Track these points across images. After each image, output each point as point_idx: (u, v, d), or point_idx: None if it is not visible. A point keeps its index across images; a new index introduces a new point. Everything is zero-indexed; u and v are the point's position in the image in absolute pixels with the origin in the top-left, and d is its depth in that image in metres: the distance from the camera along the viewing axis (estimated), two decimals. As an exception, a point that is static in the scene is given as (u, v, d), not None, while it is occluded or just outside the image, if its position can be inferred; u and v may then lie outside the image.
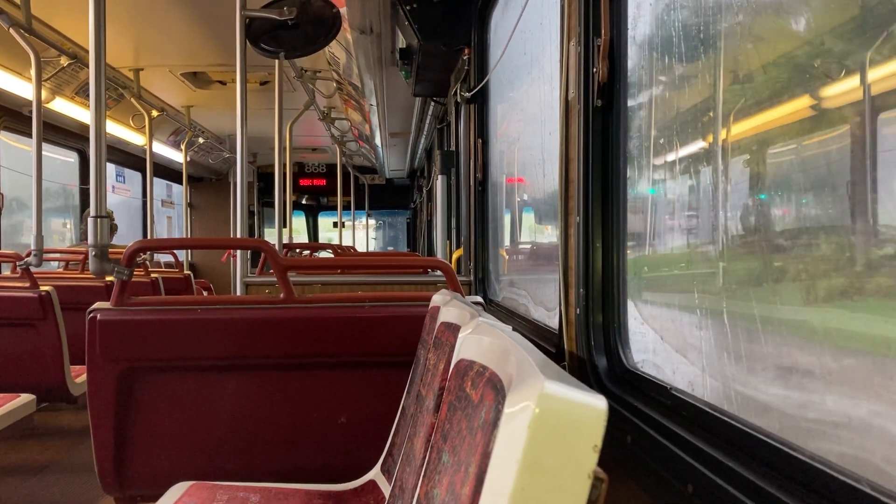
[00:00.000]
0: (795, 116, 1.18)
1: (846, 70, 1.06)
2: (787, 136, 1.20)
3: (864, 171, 1.01)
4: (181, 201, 12.79)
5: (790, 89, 1.19)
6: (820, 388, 1.09)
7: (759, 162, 1.25)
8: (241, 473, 2.73)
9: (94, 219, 2.67)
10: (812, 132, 1.15)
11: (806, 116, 1.17)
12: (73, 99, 6.97)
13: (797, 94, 1.18)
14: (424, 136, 9.08)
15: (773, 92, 1.23)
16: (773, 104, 1.23)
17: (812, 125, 1.15)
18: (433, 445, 1.40)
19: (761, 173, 1.24)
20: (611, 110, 1.76)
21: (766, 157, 1.24)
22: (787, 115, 1.19)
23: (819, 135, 1.13)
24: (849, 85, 1.06)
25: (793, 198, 1.16)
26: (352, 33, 4.78)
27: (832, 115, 1.10)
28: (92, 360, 2.67)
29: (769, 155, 1.24)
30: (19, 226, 7.73)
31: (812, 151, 1.14)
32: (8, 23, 4.50)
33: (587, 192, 1.79)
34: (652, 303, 1.67)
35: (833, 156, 1.08)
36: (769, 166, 1.23)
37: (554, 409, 0.78)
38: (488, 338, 1.24)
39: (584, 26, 1.81)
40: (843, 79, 1.07)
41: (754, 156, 1.27)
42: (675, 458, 1.28)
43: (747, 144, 1.30)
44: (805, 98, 1.16)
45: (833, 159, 1.07)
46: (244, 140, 3.79)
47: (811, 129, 1.16)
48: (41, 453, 4.90)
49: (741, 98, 1.31)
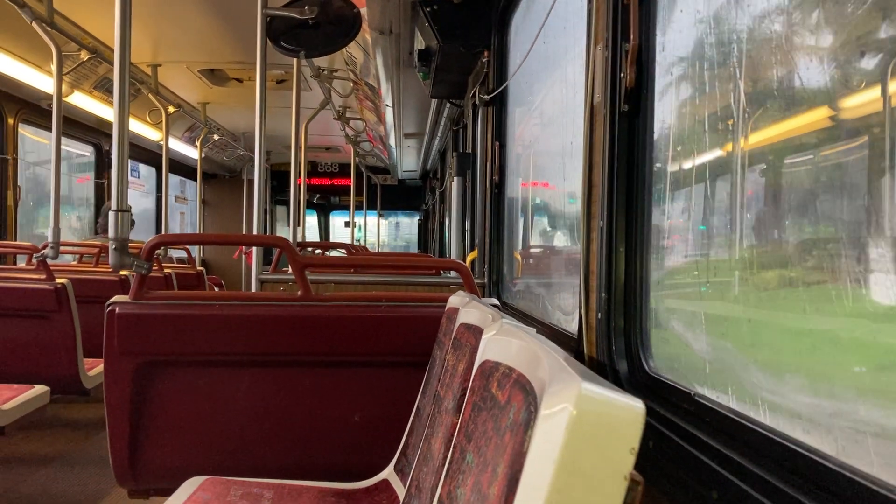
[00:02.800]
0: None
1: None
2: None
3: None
4: (194, 197, 12.86)
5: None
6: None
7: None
8: (254, 469, 2.74)
9: (115, 212, 2.68)
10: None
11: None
12: (92, 93, 7.02)
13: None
14: (439, 137, 9.09)
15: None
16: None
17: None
18: (456, 446, 1.40)
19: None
20: (637, 115, 1.76)
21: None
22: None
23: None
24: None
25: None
26: (371, 33, 4.79)
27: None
28: (109, 352, 2.69)
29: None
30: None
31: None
32: (31, 16, 4.54)
33: (611, 197, 1.79)
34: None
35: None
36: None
37: (591, 411, 0.78)
38: (516, 340, 1.25)
39: (612, 31, 1.81)
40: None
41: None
42: (699, 464, 1.28)
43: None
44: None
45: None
46: (262, 138, 3.80)
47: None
48: (54, 445, 4.93)
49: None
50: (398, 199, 16.10)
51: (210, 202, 13.34)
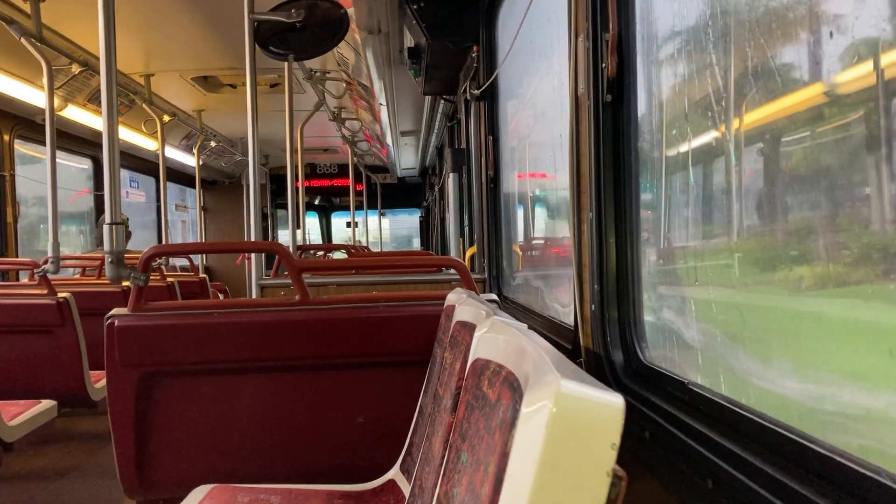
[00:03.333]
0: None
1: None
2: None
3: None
4: (195, 205, 12.87)
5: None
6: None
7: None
8: (261, 475, 2.75)
9: (109, 226, 2.69)
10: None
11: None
12: (86, 106, 7.02)
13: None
14: (435, 134, 9.08)
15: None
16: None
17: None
18: (452, 445, 1.40)
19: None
20: (621, 104, 1.76)
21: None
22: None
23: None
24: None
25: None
26: (360, 33, 4.78)
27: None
28: (111, 365, 2.69)
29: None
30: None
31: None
32: (19, 32, 4.55)
33: (599, 188, 1.79)
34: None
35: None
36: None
37: (571, 408, 0.78)
38: (504, 336, 1.24)
39: (592, 21, 1.81)
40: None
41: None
42: (694, 452, 1.28)
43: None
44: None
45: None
46: (256, 143, 3.80)
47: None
48: (63, 458, 4.95)
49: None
50: (398, 196, 16.09)
51: (211, 209, 13.34)
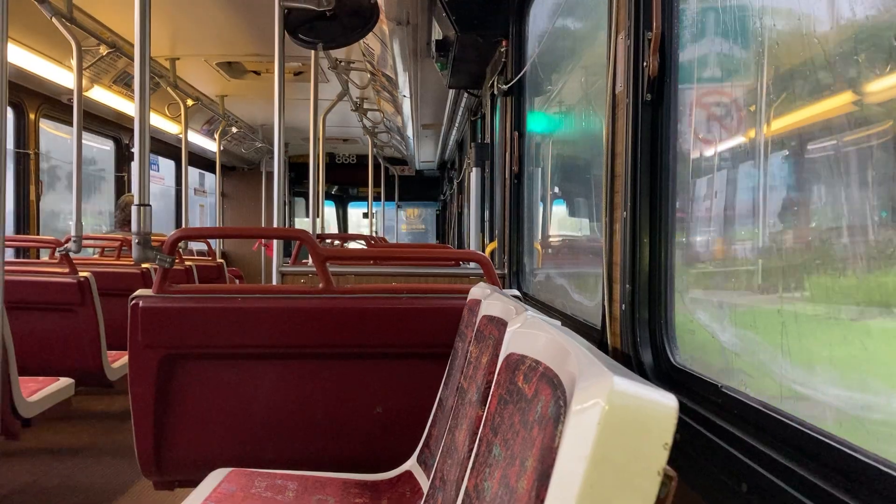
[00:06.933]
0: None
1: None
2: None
3: None
4: (213, 190, 12.92)
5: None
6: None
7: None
8: (278, 461, 2.75)
9: (137, 207, 2.70)
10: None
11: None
12: (111, 87, 7.06)
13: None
14: (456, 127, 9.07)
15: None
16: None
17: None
18: (482, 438, 1.40)
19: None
20: (661, 105, 1.75)
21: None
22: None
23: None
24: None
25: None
26: (388, 24, 4.78)
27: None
28: (133, 346, 2.71)
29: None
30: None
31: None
32: (50, 12, 4.57)
33: (635, 187, 1.78)
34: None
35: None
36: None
37: (624, 406, 0.78)
38: (543, 333, 1.24)
39: (635, 19, 1.80)
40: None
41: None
42: (728, 456, 1.27)
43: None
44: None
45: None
46: (282, 130, 3.81)
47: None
48: (78, 436, 4.99)
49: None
50: (416, 189, 16.10)
51: (229, 194, 13.40)
